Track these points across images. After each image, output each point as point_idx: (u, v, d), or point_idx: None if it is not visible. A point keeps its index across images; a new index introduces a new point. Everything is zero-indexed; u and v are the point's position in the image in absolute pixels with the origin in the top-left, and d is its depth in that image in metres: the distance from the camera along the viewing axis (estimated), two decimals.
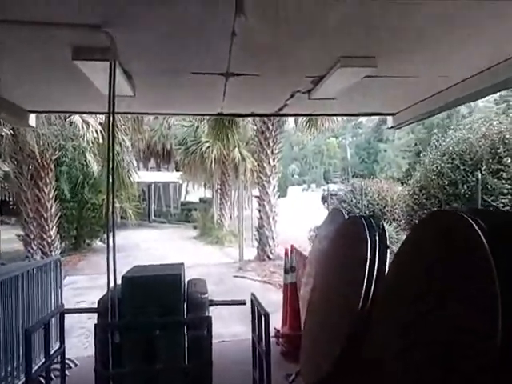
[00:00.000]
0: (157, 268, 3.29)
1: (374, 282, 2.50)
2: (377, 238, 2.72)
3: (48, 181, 10.95)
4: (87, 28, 2.12)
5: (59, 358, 3.16)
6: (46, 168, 10.86)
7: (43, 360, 2.97)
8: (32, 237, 10.81)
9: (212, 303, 3.26)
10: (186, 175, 20.63)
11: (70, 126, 11.00)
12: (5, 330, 3.34)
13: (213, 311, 3.28)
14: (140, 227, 19.11)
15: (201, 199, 25.52)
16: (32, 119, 4.61)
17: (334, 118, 12.12)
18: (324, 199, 30.90)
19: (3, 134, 9.83)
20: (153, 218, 26.53)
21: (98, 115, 10.31)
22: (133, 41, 2.38)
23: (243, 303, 3.42)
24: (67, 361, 3.96)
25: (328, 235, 4.07)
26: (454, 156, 8.15)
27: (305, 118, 12.63)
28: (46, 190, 10.87)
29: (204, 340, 2.92)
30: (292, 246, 5.29)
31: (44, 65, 2.82)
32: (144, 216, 22.93)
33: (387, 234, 2.86)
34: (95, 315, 3.04)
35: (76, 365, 4.37)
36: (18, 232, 12.09)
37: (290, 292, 5.01)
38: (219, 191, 20.11)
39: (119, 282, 2.80)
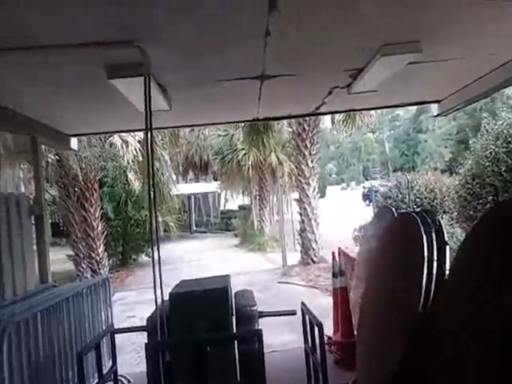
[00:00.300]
0: (203, 282, 3.23)
1: (434, 281, 2.33)
2: (433, 235, 2.52)
3: (93, 201, 11.35)
4: (119, 44, 2.11)
5: (112, 376, 3.17)
6: (91, 189, 11.26)
7: (97, 380, 2.97)
8: (82, 256, 11.18)
9: (261, 315, 3.16)
10: (224, 184, 20.84)
11: (110, 147, 11.38)
12: (59, 352, 3.39)
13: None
14: (182, 239, 19.44)
15: (240, 207, 25.63)
16: (74, 143, 4.74)
17: (372, 112, 11.72)
18: (365, 196, 30.14)
19: (49, 160, 10.26)
20: (194, 228, 26.93)
21: (136, 134, 10.58)
22: (165, 53, 2.35)
23: (294, 313, 3.28)
24: (120, 377, 3.98)
25: (377, 235, 3.87)
26: (510, 139, 7.51)
27: (342, 116, 12.32)
28: (91, 210, 11.27)
29: (255, 354, 2.80)
30: (339, 249, 5.09)
31: (81, 88, 2.86)
32: (185, 227, 23.36)
33: (444, 229, 2.65)
34: None
35: (129, 381, 4.38)
36: (68, 252, 12.60)
37: (341, 297, 4.80)
38: (258, 197, 20.11)
39: (167, 296, 2.77)
